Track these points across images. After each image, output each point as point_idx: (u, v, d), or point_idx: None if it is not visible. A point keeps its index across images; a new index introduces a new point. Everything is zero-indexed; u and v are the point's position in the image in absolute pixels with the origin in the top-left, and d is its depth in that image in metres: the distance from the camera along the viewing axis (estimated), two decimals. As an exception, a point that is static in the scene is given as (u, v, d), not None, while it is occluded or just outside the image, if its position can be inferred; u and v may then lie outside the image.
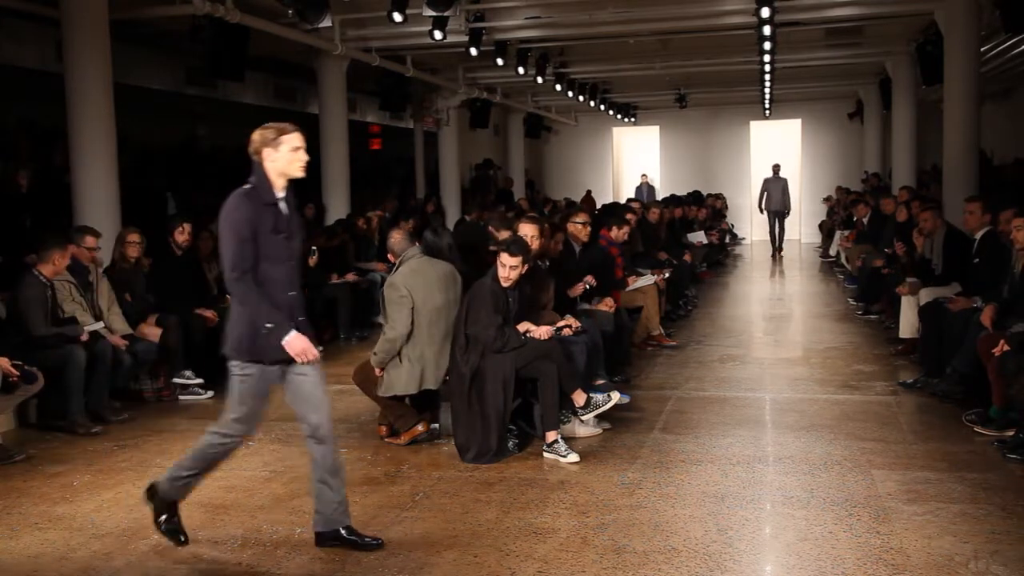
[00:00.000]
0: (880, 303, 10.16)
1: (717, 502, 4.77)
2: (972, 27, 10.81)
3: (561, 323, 6.10)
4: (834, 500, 4.74)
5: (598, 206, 16.20)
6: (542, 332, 5.76)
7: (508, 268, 5.61)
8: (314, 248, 9.61)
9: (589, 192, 22.22)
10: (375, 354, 5.90)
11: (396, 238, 6.08)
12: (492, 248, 6.28)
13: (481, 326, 5.57)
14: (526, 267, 5.73)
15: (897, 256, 9.45)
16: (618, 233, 8.52)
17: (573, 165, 24.67)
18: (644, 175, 23.26)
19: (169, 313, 7.48)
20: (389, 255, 6.15)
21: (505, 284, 5.66)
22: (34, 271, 6.58)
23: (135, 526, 4.63)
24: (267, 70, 15.04)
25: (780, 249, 19.55)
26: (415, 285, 5.78)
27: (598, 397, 5.76)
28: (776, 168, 19.86)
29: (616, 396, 5.85)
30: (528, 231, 6.30)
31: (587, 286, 7.27)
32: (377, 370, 5.90)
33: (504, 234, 6.43)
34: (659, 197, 19.83)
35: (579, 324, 6.30)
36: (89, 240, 7.13)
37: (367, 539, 4.29)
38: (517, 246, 5.68)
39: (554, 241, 7.13)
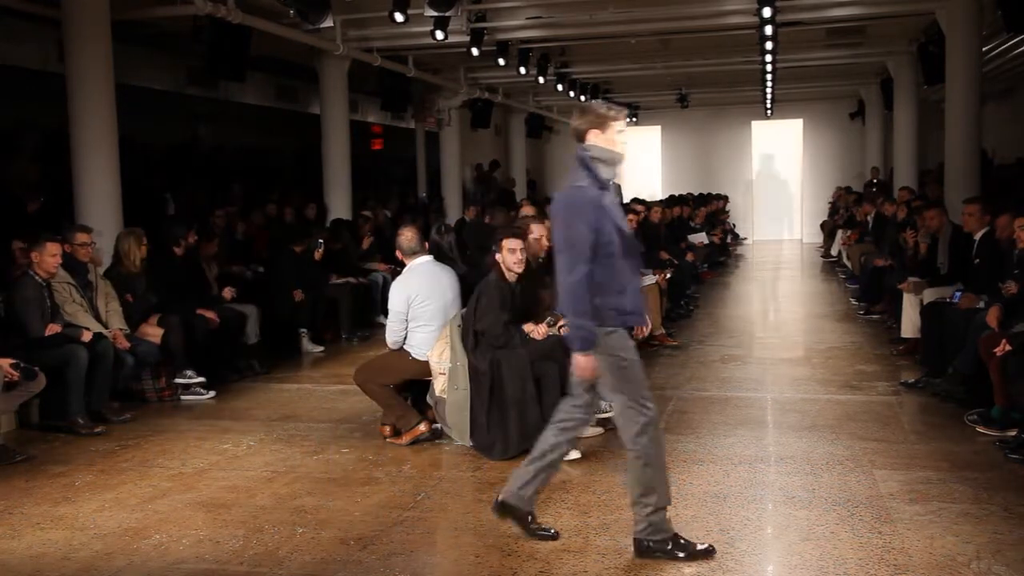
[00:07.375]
0: (882, 303, 10.15)
1: (719, 502, 4.77)
2: (974, 27, 10.79)
3: (563, 321, 6.08)
4: (836, 500, 4.73)
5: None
6: (539, 332, 5.75)
7: (516, 252, 5.68)
8: (321, 240, 9.59)
9: None
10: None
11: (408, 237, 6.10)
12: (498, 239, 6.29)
13: (487, 323, 5.59)
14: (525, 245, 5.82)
15: (902, 252, 9.42)
16: None
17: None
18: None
19: (170, 313, 7.48)
20: (398, 253, 6.16)
21: (517, 269, 5.71)
22: (29, 272, 6.59)
23: (137, 526, 4.63)
24: (268, 70, 15.02)
25: None
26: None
27: (601, 404, 5.76)
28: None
29: None
30: (537, 231, 6.35)
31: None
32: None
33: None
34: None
35: None
36: (80, 237, 7.11)
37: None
38: (512, 229, 5.80)
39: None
